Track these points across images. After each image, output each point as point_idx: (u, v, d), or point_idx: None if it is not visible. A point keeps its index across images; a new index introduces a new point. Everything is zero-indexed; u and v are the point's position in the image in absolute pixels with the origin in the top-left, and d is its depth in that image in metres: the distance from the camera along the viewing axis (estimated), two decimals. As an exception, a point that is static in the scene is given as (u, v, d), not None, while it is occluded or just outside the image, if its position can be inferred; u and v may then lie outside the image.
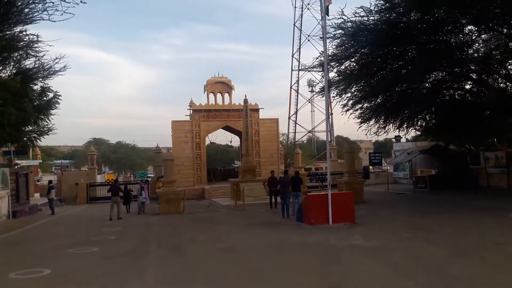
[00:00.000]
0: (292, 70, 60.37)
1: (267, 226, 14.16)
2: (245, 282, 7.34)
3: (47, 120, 19.47)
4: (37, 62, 18.65)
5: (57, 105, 19.04)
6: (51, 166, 71.10)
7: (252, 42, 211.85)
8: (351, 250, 9.58)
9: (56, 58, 18.58)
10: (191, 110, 34.12)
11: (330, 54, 21.86)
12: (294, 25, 59.97)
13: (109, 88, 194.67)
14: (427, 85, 23.75)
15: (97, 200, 32.03)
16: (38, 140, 20.26)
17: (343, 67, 22.90)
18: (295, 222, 14.53)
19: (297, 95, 60.49)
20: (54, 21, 15.70)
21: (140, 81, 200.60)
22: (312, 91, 62.71)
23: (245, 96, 28.24)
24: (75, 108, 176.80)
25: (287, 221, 15.30)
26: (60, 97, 18.85)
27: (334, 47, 22.08)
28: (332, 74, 24.27)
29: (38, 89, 18.66)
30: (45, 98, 18.70)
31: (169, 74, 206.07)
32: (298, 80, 59.93)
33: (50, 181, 24.61)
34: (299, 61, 58.61)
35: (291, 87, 60.71)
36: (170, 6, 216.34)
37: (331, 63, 22.50)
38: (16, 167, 25.49)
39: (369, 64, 21.81)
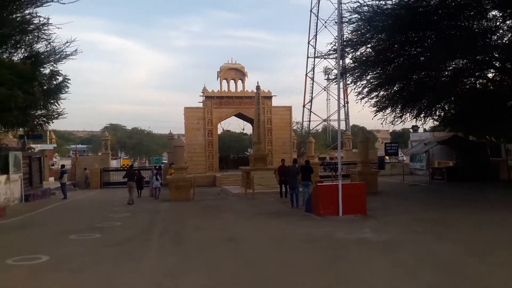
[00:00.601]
0: (308, 57, 59.58)
1: (275, 216, 13.81)
2: (241, 276, 6.98)
3: (56, 104, 19.37)
4: (49, 46, 18.54)
5: (66, 89, 18.90)
6: (69, 151, 72.21)
7: (269, 29, 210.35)
8: (358, 244, 9.13)
9: (67, 42, 18.41)
10: (204, 97, 33.83)
11: (345, 39, 21.16)
12: (311, 11, 59.01)
13: (128, 74, 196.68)
14: (446, 73, 22.82)
15: (110, 185, 32.30)
16: (47, 124, 20.22)
17: (358, 53, 22.15)
18: (304, 213, 14.13)
19: (313, 83, 59.73)
20: (64, 3, 15.45)
21: (158, 68, 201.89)
22: (328, 79, 61.72)
23: (257, 82, 27.70)
24: (94, 94, 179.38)
25: (296, 212, 14.91)
26: (69, 81, 18.70)
27: (349, 32, 21.35)
28: (347, 61, 23.59)
29: (48, 73, 18.52)
30: (54, 82, 18.55)
31: (187, 61, 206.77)
32: (313, 68, 59.07)
33: (63, 166, 24.72)
34: (315, 48, 57.73)
35: (306, 75, 59.92)
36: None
37: (346, 49, 21.78)
38: (30, 151, 25.69)
39: (386, 51, 21.02)
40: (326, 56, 52.08)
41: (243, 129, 54.50)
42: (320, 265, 7.52)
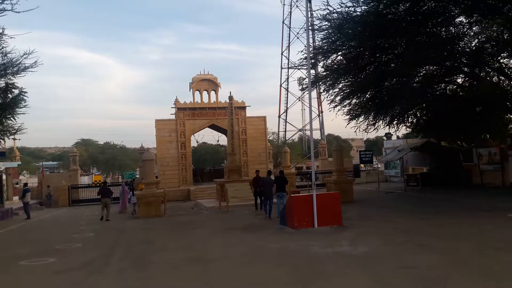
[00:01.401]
0: (281, 68, 59.63)
1: (248, 231, 13.15)
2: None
3: (12, 119, 18.11)
4: (5, 58, 17.33)
5: (23, 102, 17.73)
6: (39, 168, 69.53)
7: (242, 41, 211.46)
8: (334, 259, 8.59)
9: (25, 53, 17.26)
10: (176, 109, 33.03)
11: (316, 47, 20.90)
12: (283, 22, 59.30)
13: (99, 88, 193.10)
14: (417, 79, 22.89)
15: (80, 203, 30.94)
16: (1, 140, 18.91)
17: (329, 61, 21.96)
18: (278, 226, 13.59)
19: (287, 94, 59.72)
20: (18, 12, 14.46)
21: (130, 82, 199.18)
22: (302, 89, 61.85)
23: (230, 93, 27.11)
24: (66, 109, 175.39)
25: (270, 224, 14.32)
26: (26, 94, 17.54)
27: (320, 39, 21.13)
28: (320, 69, 23.37)
29: (2, 86, 17.31)
30: (9, 96, 17.37)
31: (159, 74, 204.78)
32: (287, 78, 59.12)
33: (25, 184, 23.46)
34: (288, 59, 57.82)
35: (281, 86, 59.92)
36: (158, 6, 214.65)
37: (318, 57, 21.56)
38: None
39: (357, 58, 20.87)
40: (299, 67, 52.32)
41: (218, 141, 53.82)
42: (294, 283, 6.93)
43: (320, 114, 59.61)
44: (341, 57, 21.78)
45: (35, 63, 17.88)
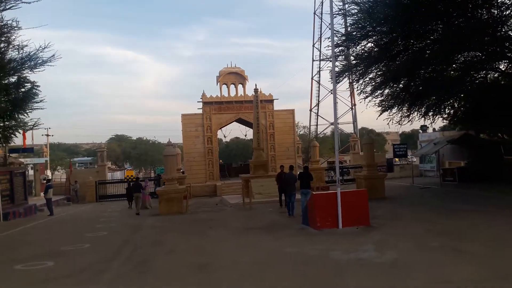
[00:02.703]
0: (313, 60, 57.79)
1: (267, 231, 12.19)
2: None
3: (24, 114, 17.87)
4: (21, 52, 17.06)
5: (35, 96, 17.42)
6: (74, 164, 71.24)
7: (274, 35, 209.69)
8: (357, 267, 7.51)
9: (40, 47, 16.85)
10: (202, 103, 32.45)
11: (344, 33, 19.58)
12: (314, 13, 57.27)
13: (135, 85, 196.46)
14: (454, 66, 21.12)
15: (107, 199, 30.95)
16: (14, 136, 18.76)
17: (359, 48, 20.54)
18: (300, 225, 12.64)
19: (319, 86, 57.82)
20: (29, 3, 14.03)
21: (164, 78, 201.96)
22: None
23: (256, 85, 26.16)
24: (103, 105, 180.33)
25: (292, 223, 13.38)
26: (38, 88, 17.24)
27: (349, 25, 19.78)
28: (350, 58, 22.02)
29: (15, 81, 17.01)
30: (22, 90, 17.09)
31: (192, 70, 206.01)
32: (319, 71, 57.25)
33: (48, 180, 23.37)
34: (320, 51, 55.88)
35: (312, 78, 58.16)
36: (190, 2, 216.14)
37: (347, 43, 20.20)
38: (20, 165, 24.42)
39: (388, 44, 19.40)
40: (331, 58, 50.68)
41: (245, 135, 53.00)
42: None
43: (353, 107, 57.61)
44: (372, 44, 20.36)
45: (52, 56, 17.58)
